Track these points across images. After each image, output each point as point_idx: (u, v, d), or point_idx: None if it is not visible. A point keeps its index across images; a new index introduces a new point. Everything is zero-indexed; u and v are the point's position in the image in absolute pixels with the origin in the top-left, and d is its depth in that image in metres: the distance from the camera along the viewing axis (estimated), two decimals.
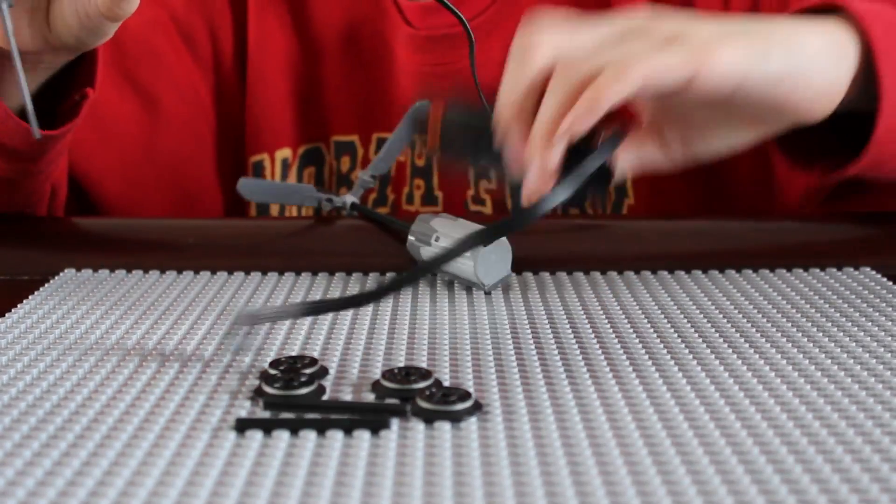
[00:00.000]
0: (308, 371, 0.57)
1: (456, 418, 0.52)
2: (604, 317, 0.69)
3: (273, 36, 1.01)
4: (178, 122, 0.99)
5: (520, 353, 0.62)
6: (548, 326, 0.67)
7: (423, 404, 0.52)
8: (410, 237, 0.77)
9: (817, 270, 0.79)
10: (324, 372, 0.58)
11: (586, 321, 0.68)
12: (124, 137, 0.98)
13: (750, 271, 0.79)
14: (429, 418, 0.52)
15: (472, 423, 0.52)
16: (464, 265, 0.73)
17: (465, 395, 0.53)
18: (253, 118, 1.00)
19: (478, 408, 0.53)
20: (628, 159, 0.67)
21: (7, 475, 0.46)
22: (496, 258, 0.73)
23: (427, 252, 0.75)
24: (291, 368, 0.57)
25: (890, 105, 0.69)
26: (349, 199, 0.82)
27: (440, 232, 0.75)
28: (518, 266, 0.77)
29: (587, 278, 0.78)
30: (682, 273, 0.79)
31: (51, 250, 0.81)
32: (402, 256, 0.80)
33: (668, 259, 0.80)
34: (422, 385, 0.55)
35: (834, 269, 0.79)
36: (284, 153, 0.99)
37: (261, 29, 1.01)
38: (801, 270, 0.79)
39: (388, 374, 0.56)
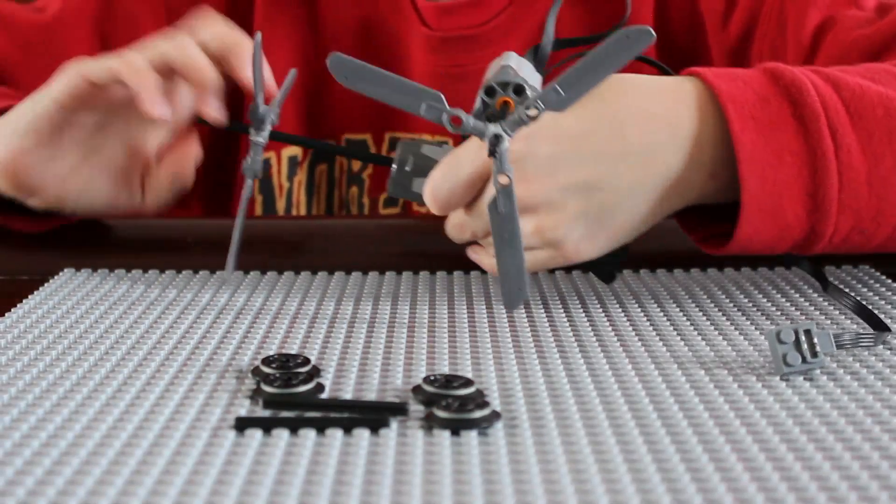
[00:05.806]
0: (302, 369, 0.57)
1: (472, 426, 0.51)
2: (604, 317, 0.69)
3: (283, 33, 1.01)
4: None
5: (519, 352, 0.62)
6: (547, 325, 0.67)
7: (442, 414, 0.51)
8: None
9: None
10: (317, 371, 0.58)
11: (586, 321, 0.68)
12: None
13: (749, 269, 0.79)
14: (446, 427, 0.51)
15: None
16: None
17: (484, 404, 0.52)
18: None
19: (498, 416, 0.52)
20: None
21: (7, 474, 0.46)
22: None
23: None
24: (284, 366, 0.57)
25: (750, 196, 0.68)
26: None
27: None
28: None
29: (585, 278, 0.78)
30: (680, 271, 0.79)
31: (50, 250, 0.81)
32: (403, 256, 0.80)
33: (668, 257, 0.80)
34: (464, 392, 0.54)
35: (833, 267, 0.79)
36: (292, 151, 0.98)
37: (269, 26, 1.00)
38: (799, 269, 0.79)
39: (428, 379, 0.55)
